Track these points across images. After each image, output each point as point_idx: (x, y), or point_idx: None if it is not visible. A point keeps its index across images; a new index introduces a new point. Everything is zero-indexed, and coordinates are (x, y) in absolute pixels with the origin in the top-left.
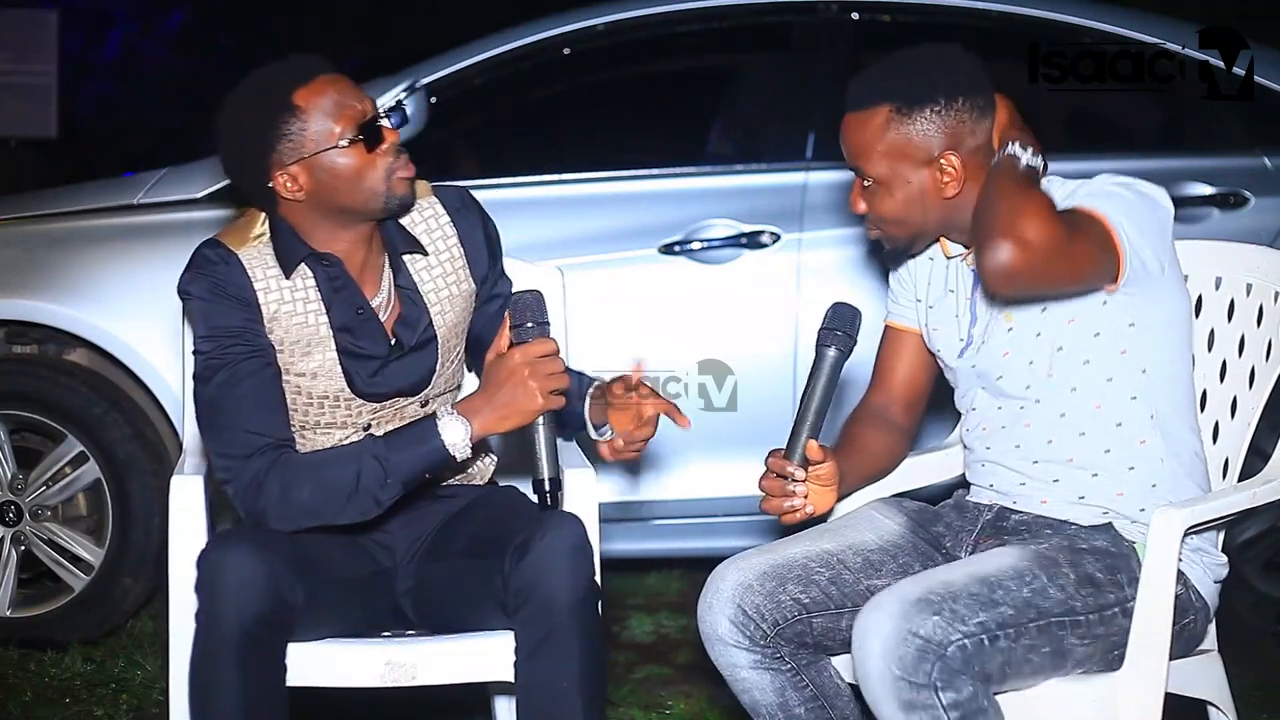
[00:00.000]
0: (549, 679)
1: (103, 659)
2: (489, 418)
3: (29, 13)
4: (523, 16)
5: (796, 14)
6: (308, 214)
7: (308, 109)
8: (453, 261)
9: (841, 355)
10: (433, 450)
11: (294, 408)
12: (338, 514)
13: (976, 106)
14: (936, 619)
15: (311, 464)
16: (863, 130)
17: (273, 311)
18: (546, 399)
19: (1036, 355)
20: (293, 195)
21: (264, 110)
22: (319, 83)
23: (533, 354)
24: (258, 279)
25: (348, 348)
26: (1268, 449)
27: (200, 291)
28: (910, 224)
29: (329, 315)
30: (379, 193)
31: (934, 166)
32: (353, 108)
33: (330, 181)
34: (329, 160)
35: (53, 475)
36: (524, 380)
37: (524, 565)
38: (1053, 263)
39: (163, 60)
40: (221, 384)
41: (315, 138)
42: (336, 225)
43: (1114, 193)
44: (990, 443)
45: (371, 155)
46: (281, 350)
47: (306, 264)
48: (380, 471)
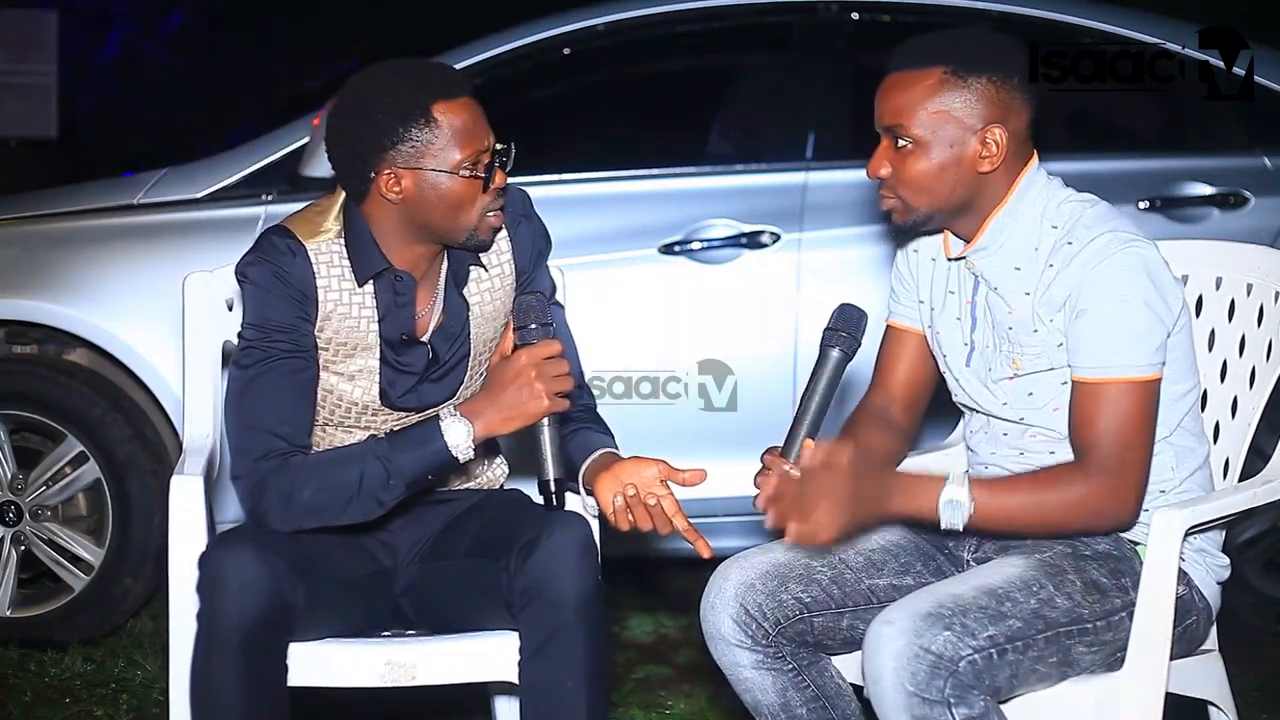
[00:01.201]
0: (554, 678)
1: (103, 659)
2: (493, 419)
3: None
4: (523, 16)
5: (796, 14)
6: (391, 218)
7: (442, 124)
8: (502, 278)
9: (845, 356)
10: (436, 451)
11: (322, 405)
12: (340, 515)
13: (1027, 90)
14: (947, 634)
15: (315, 465)
16: (911, 89)
17: (329, 310)
18: (552, 401)
19: (1037, 388)
20: (389, 194)
21: (399, 107)
22: (460, 104)
23: (538, 355)
24: (321, 274)
25: (390, 360)
26: (1268, 449)
27: (258, 278)
28: (935, 193)
29: (380, 325)
30: (467, 228)
31: (978, 136)
32: (481, 141)
33: (431, 199)
34: (440, 180)
35: (53, 475)
36: (530, 382)
37: (530, 564)
38: (1146, 455)
39: (163, 60)
40: (255, 377)
41: (437, 154)
42: (414, 238)
43: (1123, 320)
44: (994, 448)
45: (479, 193)
46: (326, 349)
47: (380, 277)
48: (384, 473)
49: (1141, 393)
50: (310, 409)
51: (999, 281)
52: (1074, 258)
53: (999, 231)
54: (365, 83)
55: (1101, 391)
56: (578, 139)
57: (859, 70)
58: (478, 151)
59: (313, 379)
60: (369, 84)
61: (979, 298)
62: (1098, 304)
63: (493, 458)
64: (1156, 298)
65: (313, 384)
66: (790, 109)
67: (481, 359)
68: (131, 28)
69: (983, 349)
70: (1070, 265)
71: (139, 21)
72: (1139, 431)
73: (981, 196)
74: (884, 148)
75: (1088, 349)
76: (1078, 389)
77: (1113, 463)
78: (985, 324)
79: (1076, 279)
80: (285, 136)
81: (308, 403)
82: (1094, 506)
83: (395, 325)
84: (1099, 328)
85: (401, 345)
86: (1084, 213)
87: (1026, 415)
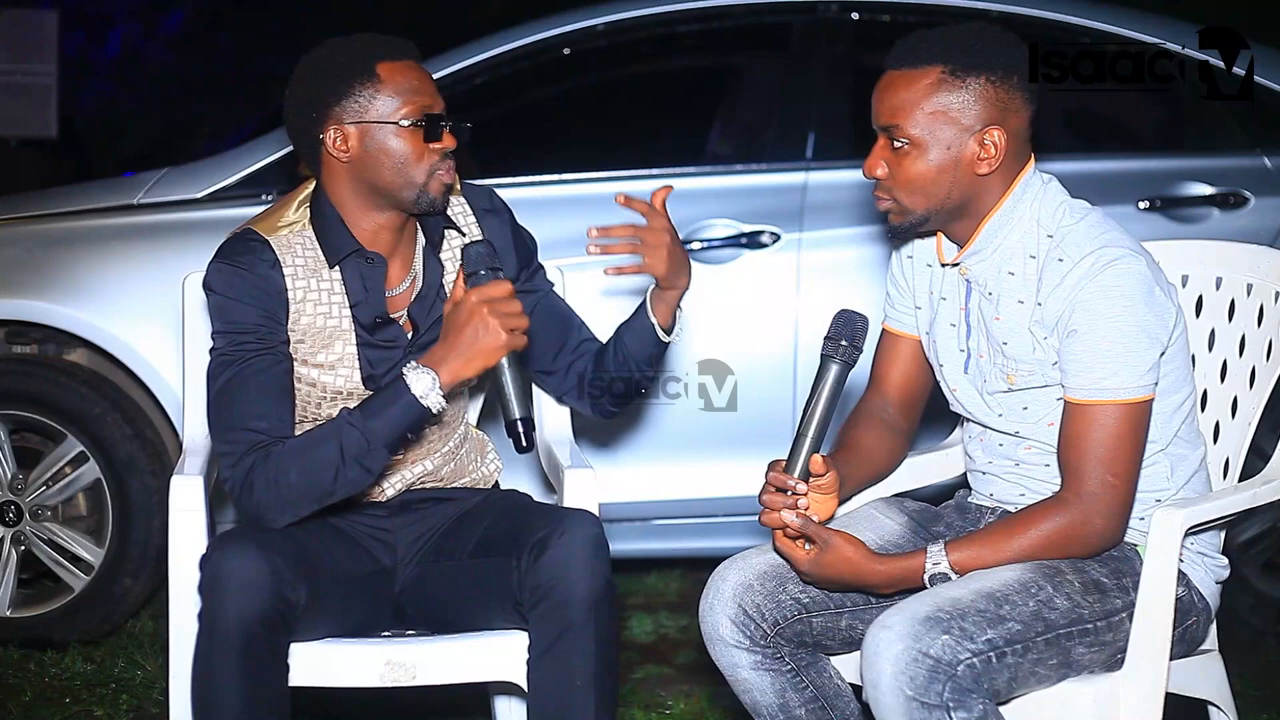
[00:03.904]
0: (563, 677)
1: (103, 659)
2: (454, 364)
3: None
4: (523, 16)
5: (796, 14)
6: (345, 184)
7: (385, 81)
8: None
9: (846, 367)
10: (406, 405)
11: (307, 400)
12: (331, 491)
13: (1027, 91)
14: (946, 638)
15: (295, 448)
16: (908, 87)
17: (300, 299)
18: (510, 336)
19: (1032, 402)
20: (337, 153)
21: (344, 67)
22: (405, 65)
23: (489, 294)
24: (287, 264)
25: (369, 342)
26: (1268, 449)
27: (220, 286)
28: (932, 194)
29: (353, 310)
30: (416, 184)
31: (976, 138)
32: (425, 99)
33: (377, 155)
34: (383, 135)
35: (53, 475)
36: (484, 318)
37: (542, 562)
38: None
39: (163, 60)
40: (229, 380)
41: (380, 109)
42: (373, 207)
43: (1113, 341)
44: (990, 457)
45: (423, 147)
46: (302, 341)
47: (350, 259)
48: (362, 439)
49: (1131, 414)
50: (288, 402)
51: (992, 286)
52: (1065, 276)
53: (993, 235)
54: (316, 50)
55: (1091, 413)
56: (577, 139)
57: (859, 70)
58: (421, 107)
59: (286, 372)
60: (319, 50)
61: (972, 304)
62: (1088, 324)
63: (485, 453)
64: (1149, 316)
65: (287, 377)
66: (790, 109)
67: None
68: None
69: (978, 358)
70: (1062, 284)
71: (139, 21)
72: (1127, 453)
73: (978, 199)
74: (880, 147)
75: (1079, 370)
76: (1068, 409)
77: (1096, 485)
78: (979, 332)
79: (1068, 298)
80: (285, 136)
81: (285, 396)
82: (1079, 534)
83: (369, 309)
84: (1090, 348)
85: (376, 326)
86: (1076, 225)
87: (1021, 429)
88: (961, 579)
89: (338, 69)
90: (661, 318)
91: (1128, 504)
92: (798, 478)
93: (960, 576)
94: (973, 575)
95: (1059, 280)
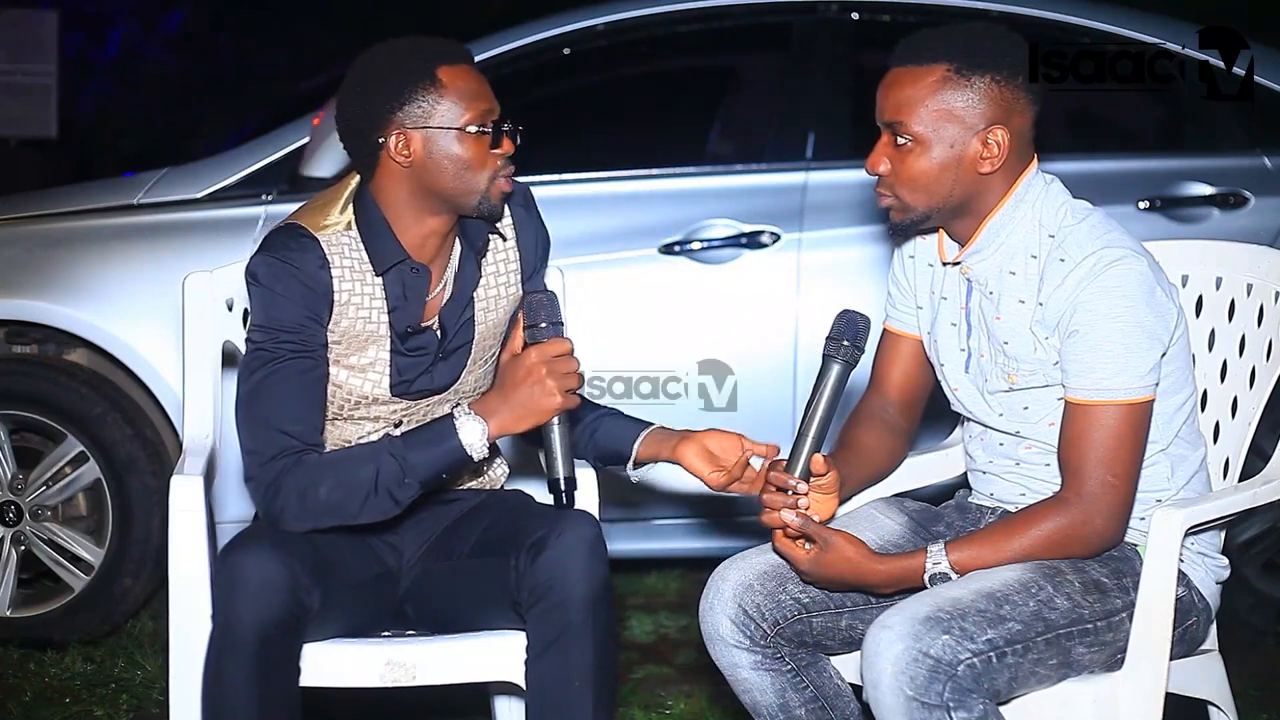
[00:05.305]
0: (561, 677)
1: (103, 659)
2: (505, 418)
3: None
4: (523, 16)
5: (796, 14)
6: (401, 188)
7: (448, 86)
8: (507, 263)
9: (847, 367)
10: (450, 450)
11: (331, 400)
12: (356, 513)
13: (1031, 91)
14: (946, 638)
15: (329, 463)
16: (913, 84)
17: (344, 300)
18: (564, 398)
19: (1033, 402)
20: (398, 158)
21: (404, 71)
22: (464, 69)
23: (549, 353)
24: (335, 265)
25: (400, 350)
26: (1268, 449)
27: (267, 278)
28: (934, 193)
29: (390, 316)
30: (478, 191)
31: (980, 136)
32: (486, 103)
33: (440, 161)
34: (447, 141)
35: (53, 475)
36: (541, 379)
37: (540, 562)
38: (1132, 476)
39: (163, 60)
40: (265, 377)
41: (445, 114)
42: (427, 211)
43: (1115, 342)
44: (991, 457)
45: (487, 153)
46: (339, 343)
47: (396, 269)
48: (398, 471)
49: (1132, 415)
50: (321, 407)
51: (993, 286)
52: (1066, 276)
53: (995, 235)
54: (368, 57)
55: (1092, 413)
56: (578, 139)
57: (859, 70)
58: (484, 112)
59: (322, 377)
60: (372, 57)
61: (973, 303)
62: (1090, 325)
63: (494, 458)
64: (1150, 316)
65: (322, 382)
66: (790, 109)
67: (487, 344)
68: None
69: (979, 357)
70: (1063, 284)
71: (139, 21)
72: (1128, 453)
73: (980, 198)
74: (884, 143)
75: (1080, 370)
76: (1069, 409)
77: (1096, 485)
78: (980, 331)
79: (1070, 299)
80: (285, 136)
81: (318, 401)
82: (1080, 534)
83: (404, 317)
84: (1091, 349)
85: (409, 334)
86: (1078, 225)
87: (1022, 429)
88: (962, 579)
89: (398, 73)
90: (644, 454)
91: (1128, 504)
92: (799, 477)
93: (960, 576)
94: (973, 575)
95: (1060, 280)
